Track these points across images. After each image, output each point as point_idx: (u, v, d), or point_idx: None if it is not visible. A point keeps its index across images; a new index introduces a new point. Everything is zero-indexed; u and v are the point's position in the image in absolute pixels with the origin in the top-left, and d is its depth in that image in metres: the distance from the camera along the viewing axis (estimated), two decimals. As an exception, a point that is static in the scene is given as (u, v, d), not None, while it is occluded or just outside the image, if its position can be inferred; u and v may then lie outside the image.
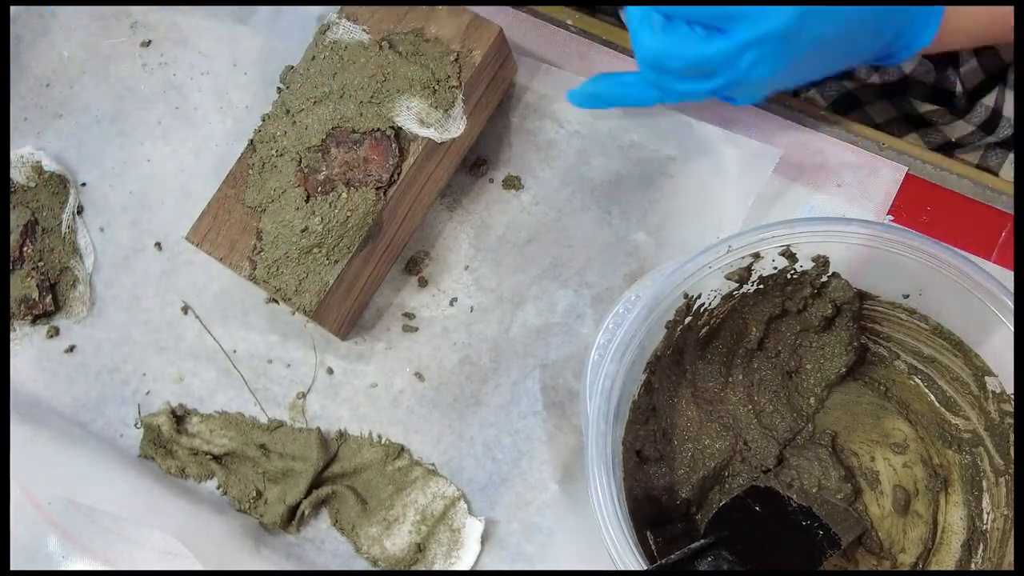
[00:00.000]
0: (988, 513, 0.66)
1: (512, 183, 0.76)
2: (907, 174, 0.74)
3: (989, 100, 0.81)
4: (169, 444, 0.73)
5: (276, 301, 0.75)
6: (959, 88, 0.81)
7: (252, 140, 0.71)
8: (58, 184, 0.78)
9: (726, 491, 0.68)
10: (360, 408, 0.73)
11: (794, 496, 0.65)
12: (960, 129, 0.83)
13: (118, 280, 0.77)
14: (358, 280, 0.71)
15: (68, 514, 0.71)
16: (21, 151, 0.79)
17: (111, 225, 0.78)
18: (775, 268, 0.64)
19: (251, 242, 0.69)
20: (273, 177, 0.69)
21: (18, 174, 0.78)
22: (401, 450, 0.72)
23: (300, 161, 0.69)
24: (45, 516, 0.71)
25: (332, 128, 0.69)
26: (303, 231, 0.67)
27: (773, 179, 0.73)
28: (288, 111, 0.70)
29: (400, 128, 0.69)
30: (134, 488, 0.70)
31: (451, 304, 0.74)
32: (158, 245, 0.77)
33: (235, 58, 0.81)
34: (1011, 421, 0.63)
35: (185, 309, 0.76)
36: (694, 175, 0.74)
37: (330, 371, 0.74)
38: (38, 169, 0.78)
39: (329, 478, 0.72)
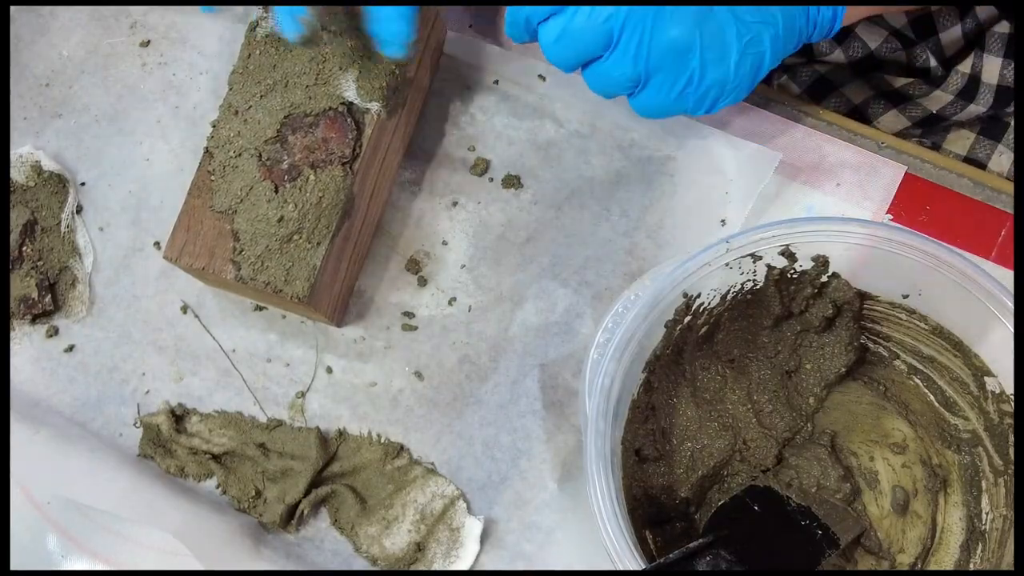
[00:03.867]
0: (987, 513, 0.66)
1: (512, 182, 0.76)
2: (906, 173, 0.73)
3: (965, 67, 0.82)
4: (168, 443, 0.73)
5: (261, 308, 0.75)
6: (932, 62, 0.81)
7: (207, 147, 0.71)
8: (57, 183, 0.78)
9: (725, 490, 0.68)
10: (359, 407, 0.73)
11: (793, 496, 0.65)
12: (938, 100, 0.83)
13: (117, 279, 0.77)
14: (342, 260, 0.72)
15: (68, 513, 0.71)
16: (20, 151, 0.78)
17: (110, 225, 0.78)
18: (775, 268, 0.64)
19: (229, 245, 0.68)
20: (237, 178, 0.69)
21: (17, 173, 0.78)
22: (400, 449, 0.72)
23: (260, 156, 0.69)
24: (45, 515, 0.71)
25: (285, 117, 0.69)
26: (279, 221, 0.67)
27: (772, 178, 0.73)
28: (236, 111, 0.70)
29: (352, 103, 0.69)
30: (133, 487, 0.70)
31: (450, 303, 0.74)
32: (157, 244, 0.77)
33: (234, 57, 0.81)
34: (1010, 421, 0.63)
35: (184, 308, 0.76)
36: (694, 175, 0.74)
37: (329, 370, 0.74)
38: (37, 168, 0.78)
39: (328, 477, 0.72)
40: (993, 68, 0.81)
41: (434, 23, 0.73)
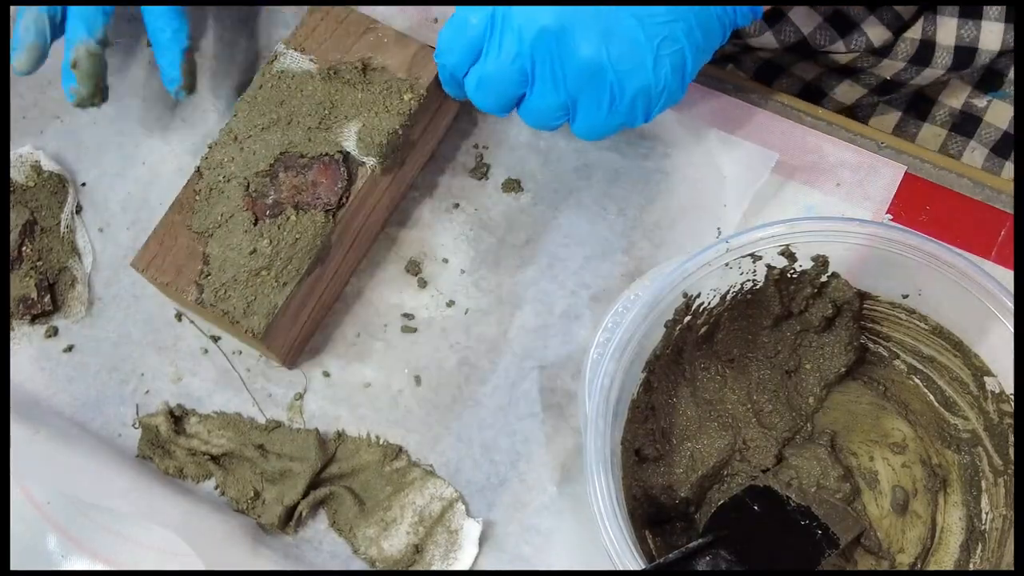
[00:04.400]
0: (987, 513, 0.66)
1: (512, 186, 0.76)
2: (906, 173, 0.74)
3: (914, 33, 0.82)
4: (167, 444, 0.73)
5: (216, 338, 0.75)
6: (865, 43, 0.81)
7: (199, 167, 0.71)
8: (57, 184, 0.78)
9: (725, 490, 0.68)
10: (358, 409, 0.73)
11: (793, 495, 0.65)
12: (890, 68, 0.84)
13: (117, 280, 0.77)
14: (306, 305, 0.71)
15: (67, 514, 0.71)
16: (20, 150, 0.78)
17: (110, 225, 0.78)
18: (775, 268, 0.64)
19: (198, 267, 0.68)
20: (220, 202, 0.69)
21: (17, 173, 0.78)
22: (399, 451, 0.72)
23: (248, 186, 0.69)
24: (45, 515, 0.71)
25: (280, 153, 0.70)
26: (251, 253, 0.68)
27: (771, 178, 0.73)
28: (236, 138, 0.71)
29: (348, 153, 0.70)
30: (133, 487, 0.70)
31: (448, 305, 0.74)
32: None
33: (235, 58, 0.81)
34: (1010, 421, 0.63)
35: (178, 316, 0.75)
36: (692, 175, 0.74)
37: (326, 374, 0.74)
38: (37, 168, 0.78)
39: (327, 479, 0.72)
40: (949, 30, 0.81)
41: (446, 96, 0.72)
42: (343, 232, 0.70)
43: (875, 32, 0.81)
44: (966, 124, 0.87)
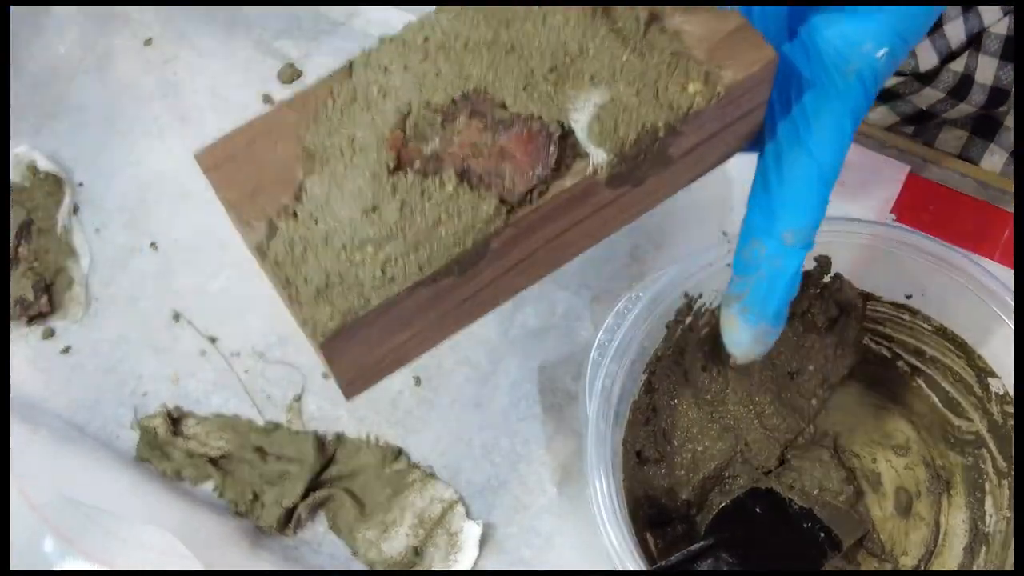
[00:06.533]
0: (991, 516, 0.65)
1: None
2: (910, 173, 0.73)
3: (957, 66, 0.81)
4: (165, 446, 0.72)
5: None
6: (922, 64, 0.80)
7: (352, 62, 0.48)
8: (53, 184, 0.78)
9: (726, 492, 0.67)
10: (358, 410, 0.73)
11: (795, 498, 0.65)
12: (928, 97, 0.83)
13: (114, 281, 0.76)
14: (410, 324, 0.47)
15: (65, 515, 0.70)
16: (17, 150, 0.78)
17: (107, 225, 0.78)
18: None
19: (282, 199, 0.45)
20: (357, 122, 0.47)
21: (14, 173, 0.77)
22: (399, 453, 0.72)
23: (407, 115, 0.47)
24: (42, 517, 0.71)
25: (471, 89, 0.47)
26: (368, 212, 0.45)
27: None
28: (423, 40, 0.48)
29: (571, 131, 0.46)
30: (132, 489, 0.69)
31: None
32: (153, 245, 0.77)
33: (232, 56, 0.81)
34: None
35: (176, 316, 0.75)
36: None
37: (325, 376, 0.73)
38: (33, 168, 0.77)
39: (326, 480, 0.71)
40: (988, 69, 0.81)
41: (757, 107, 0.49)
42: (512, 242, 0.46)
43: (925, 57, 0.81)
44: (985, 127, 0.86)
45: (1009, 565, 0.62)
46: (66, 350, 0.75)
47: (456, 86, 0.46)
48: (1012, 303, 0.59)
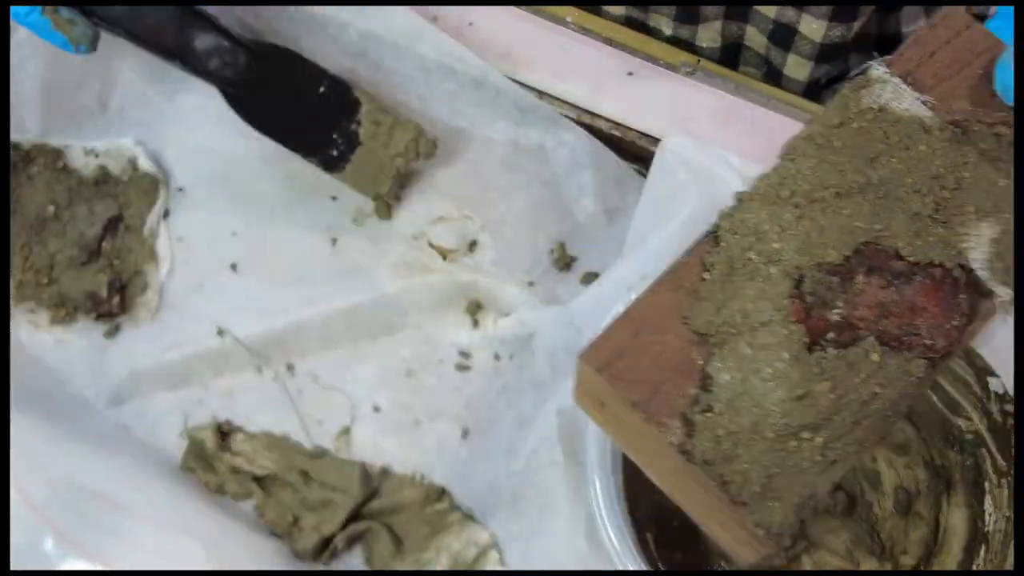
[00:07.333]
0: (990, 515, 0.65)
1: (590, 279, 0.73)
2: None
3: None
4: (211, 459, 0.71)
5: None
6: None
7: (716, 227, 0.46)
8: (150, 184, 0.75)
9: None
10: (405, 446, 0.71)
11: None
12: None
13: (187, 292, 0.74)
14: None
15: (65, 515, 0.70)
16: (121, 141, 0.75)
17: (191, 237, 0.75)
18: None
19: (689, 389, 0.43)
20: (746, 293, 0.43)
21: (114, 165, 0.74)
22: (442, 493, 0.70)
23: (800, 282, 0.44)
24: (41, 517, 0.70)
25: (862, 243, 0.44)
26: (799, 398, 0.41)
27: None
28: (790, 195, 0.45)
29: (972, 271, 0.44)
30: (168, 497, 0.68)
31: (501, 343, 0.72)
32: (233, 267, 0.75)
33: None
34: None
35: (236, 332, 0.73)
36: (696, 186, 0.72)
37: (376, 408, 0.72)
38: (134, 163, 0.75)
39: (368, 513, 0.70)
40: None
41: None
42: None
43: None
44: None
45: (1009, 565, 0.62)
46: (126, 352, 0.73)
47: (845, 242, 0.44)
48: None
